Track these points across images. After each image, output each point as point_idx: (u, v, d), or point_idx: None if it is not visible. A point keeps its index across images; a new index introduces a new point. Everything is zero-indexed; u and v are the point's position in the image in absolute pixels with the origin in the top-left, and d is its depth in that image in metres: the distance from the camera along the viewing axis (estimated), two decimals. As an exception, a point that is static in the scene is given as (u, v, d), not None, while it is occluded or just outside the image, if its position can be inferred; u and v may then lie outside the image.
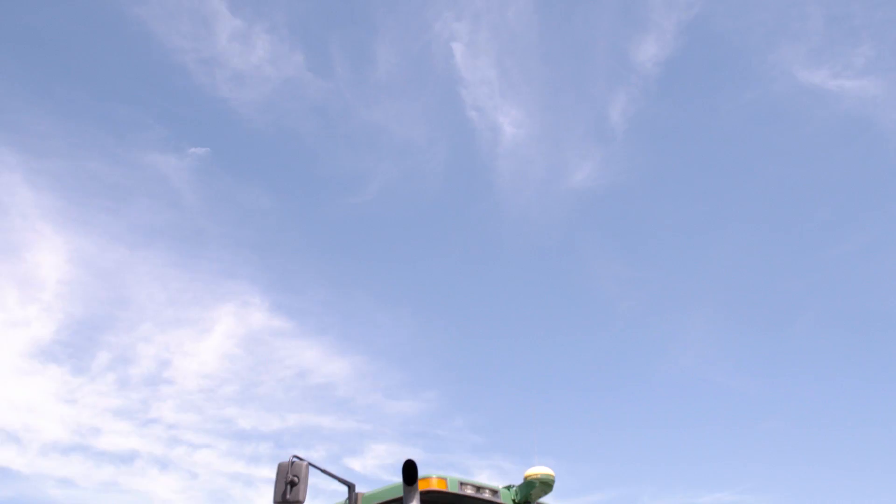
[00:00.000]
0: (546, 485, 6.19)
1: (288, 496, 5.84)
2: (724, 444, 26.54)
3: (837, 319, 26.16)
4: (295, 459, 5.93)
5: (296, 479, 5.84)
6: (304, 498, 5.85)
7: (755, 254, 27.25)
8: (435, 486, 5.93)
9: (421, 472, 5.74)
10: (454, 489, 5.99)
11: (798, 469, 25.56)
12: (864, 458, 24.73)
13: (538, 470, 6.19)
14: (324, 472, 6.18)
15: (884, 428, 24.10)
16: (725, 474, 26.35)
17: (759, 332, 26.89)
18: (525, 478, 6.23)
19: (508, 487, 6.38)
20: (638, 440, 27.23)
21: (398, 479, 5.76)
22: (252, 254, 29.49)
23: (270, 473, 5.94)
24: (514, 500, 6.33)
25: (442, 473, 6.01)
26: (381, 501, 6.17)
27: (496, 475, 6.28)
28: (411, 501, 5.47)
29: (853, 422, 25.22)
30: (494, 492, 6.25)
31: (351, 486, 6.35)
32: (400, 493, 5.81)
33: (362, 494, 6.34)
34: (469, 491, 6.07)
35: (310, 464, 5.95)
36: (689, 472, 26.68)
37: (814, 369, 26.15)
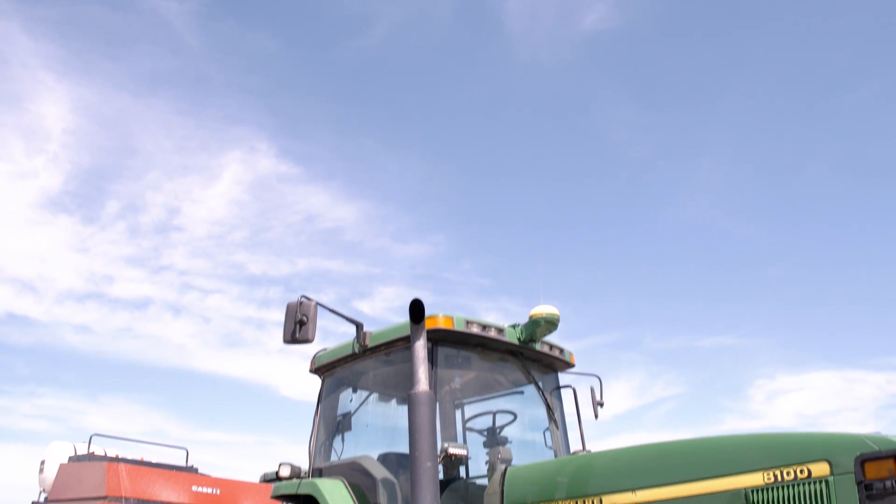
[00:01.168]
0: (551, 324, 6.28)
1: (297, 335, 5.94)
2: (728, 289, 26.98)
3: (850, 167, 25.94)
4: (303, 299, 5.99)
5: (304, 318, 5.92)
6: (314, 337, 5.94)
7: (768, 99, 26.73)
8: (441, 324, 6.02)
9: (428, 313, 5.82)
10: (460, 328, 6.09)
11: (800, 314, 26.05)
12: (869, 304, 25.12)
13: (543, 309, 6.25)
14: (332, 311, 6.27)
15: (890, 275, 24.36)
16: (728, 318, 26.92)
17: (769, 179, 26.78)
18: (530, 317, 6.31)
19: (514, 326, 6.48)
20: (643, 284, 27.66)
21: (406, 320, 5.84)
22: (258, 99, 29.09)
23: (281, 317, 6.02)
24: (518, 339, 6.45)
25: (448, 313, 6.10)
26: (388, 339, 6.30)
27: (502, 317, 6.41)
28: (418, 339, 5.56)
29: (860, 269, 25.48)
30: (500, 330, 6.36)
31: (359, 326, 6.47)
32: (407, 332, 5.92)
33: (370, 333, 6.47)
34: (475, 329, 6.17)
35: (318, 303, 6.02)
36: (692, 316, 27.25)
37: (823, 217, 26.19)
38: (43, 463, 12.63)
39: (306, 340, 5.92)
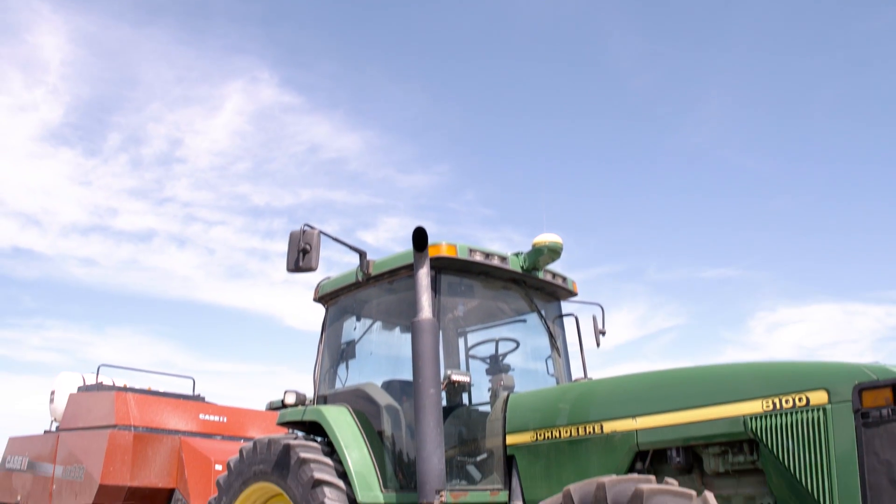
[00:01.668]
0: (554, 252, 6.27)
1: (301, 264, 5.96)
2: (731, 221, 26.95)
3: (857, 100, 25.57)
4: (306, 228, 5.99)
5: (308, 246, 5.93)
6: (317, 265, 5.96)
7: (777, 28, 26.21)
8: (445, 252, 6.02)
9: (431, 241, 5.82)
10: (464, 256, 6.09)
11: (802, 246, 26.06)
12: (870, 237, 25.10)
13: (547, 237, 6.24)
14: (335, 239, 6.26)
15: (892, 208, 24.26)
16: (731, 250, 26.95)
17: (775, 110, 26.43)
18: (533, 245, 6.30)
19: (517, 254, 6.48)
20: (646, 215, 27.62)
21: (410, 248, 5.85)
22: (259, 28, 28.60)
23: (285, 247, 6.03)
24: (522, 267, 6.45)
25: (452, 241, 6.09)
26: (392, 268, 6.31)
27: (506, 247, 6.38)
28: (421, 267, 5.57)
29: (862, 202, 25.37)
30: (503, 258, 6.36)
31: (362, 254, 6.47)
32: (410, 260, 5.92)
33: (373, 261, 6.47)
34: (478, 257, 6.17)
35: (321, 232, 6.02)
36: (695, 247, 27.29)
37: (827, 149, 25.96)
38: (53, 393, 12.82)
39: (310, 269, 5.94)
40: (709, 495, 3.95)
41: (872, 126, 25.08)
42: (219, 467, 10.04)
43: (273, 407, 7.55)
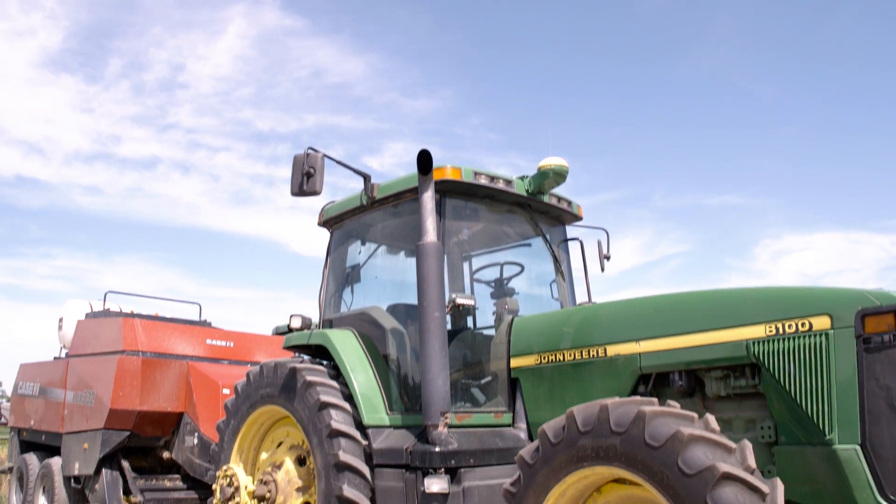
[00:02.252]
0: (559, 175, 6.22)
1: (304, 187, 5.94)
2: (738, 148, 26.76)
3: (867, 30, 25.05)
4: (310, 151, 5.95)
5: (312, 170, 5.90)
6: (321, 189, 5.94)
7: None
8: (449, 175, 5.97)
9: (436, 165, 5.78)
10: (468, 179, 6.05)
11: (810, 174, 25.90)
12: (877, 166, 24.90)
13: (552, 161, 6.18)
14: (339, 163, 6.23)
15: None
16: (736, 178, 26.82)
17: (784, 39, 25.96)
18: (539, 168, 6.25)
19: (522, 178, 6.44)
20: (653, 141, 27.42)
21: (414, 171, 5.81)
22: (260, -50, 28.02)
23: (289, 173, 6.00)
24: (527, 191, 6.42)
25: (456, 164, 6.04)
26: (396, 191, 6.28)
27: (511, 172, 6.34)
28: (426, 191, 5.54)
29: (871, 131, 25.11)
30: (508, 182, 6.32)
31: (367, 177, 6.44)
32: (415, 183, 5.89)
33: (378, 185, 6.44)
34: (483, 181, 6.12)
35: (325, 155, 5.98)
36: (700, 174, 27.16)
37: (837, 78, 25.57)
38: (61, 320, 12.92)
39: (314, 192, 5.92)
40: (710, 418, 3.99)
41: (881, 57, 24.63)
42: (226, 391, 10.15)
43: (279, 331, 7.61)
